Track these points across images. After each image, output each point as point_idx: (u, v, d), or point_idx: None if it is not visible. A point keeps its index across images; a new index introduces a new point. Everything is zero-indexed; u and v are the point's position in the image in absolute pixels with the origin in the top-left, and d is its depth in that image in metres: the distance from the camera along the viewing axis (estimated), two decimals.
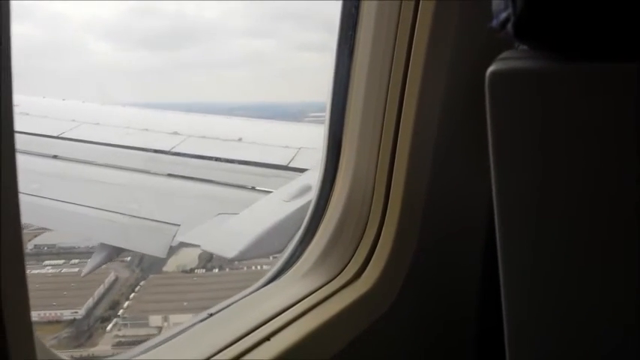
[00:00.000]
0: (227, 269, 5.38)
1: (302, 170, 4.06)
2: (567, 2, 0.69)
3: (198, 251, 4.92)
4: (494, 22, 0.76)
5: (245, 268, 5.28)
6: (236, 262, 5.19)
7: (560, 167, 0.79)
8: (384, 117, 1.31)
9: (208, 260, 5.24)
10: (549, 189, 0.80)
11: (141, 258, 4.95)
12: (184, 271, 5.30)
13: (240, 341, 1.08)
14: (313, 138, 4.37)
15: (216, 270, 5.42)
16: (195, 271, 5.35)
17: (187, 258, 5.20)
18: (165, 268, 5.14)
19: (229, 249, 3.37)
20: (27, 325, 0.70)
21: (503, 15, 0.74)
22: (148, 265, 5.12)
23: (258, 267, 5.22)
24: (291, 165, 4.23)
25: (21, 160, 0.67)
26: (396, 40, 1.26)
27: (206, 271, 5.37)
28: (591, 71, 0.74)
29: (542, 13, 0.71)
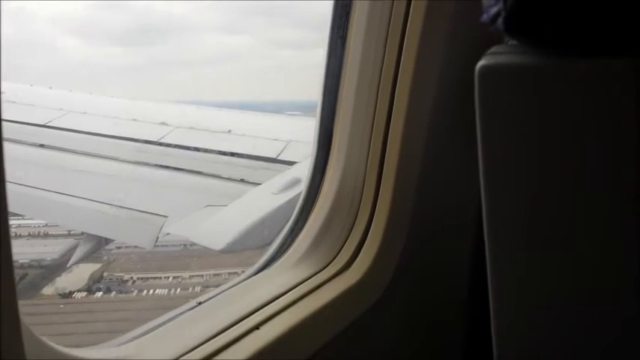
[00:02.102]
0: (113, 293, 4.84)
1: (291, 163, 4.06)
2: None
3: (94, 268, 4.65)
4: (485, 17, 0.76)
5: (135, 293, 4.87)
6: (129, 284, 4.85)
7: (549, 164, 0.79)
8: (375, 108, 1.31)
9: (97, 281, 4.79)
10: (538, 186, 0.80)
11: (22, 276, 4.31)
12: (61, 294, 4.68)
13: (229, 330, 1.07)
14: (303, 131, 4.37)
15: (100, 294, 4.81)
16: (75, 294, 4.74)
17: (77, 276, 4.72)
18: (46, 289, 4.58)
19: (217, 241, 3.35)
20: (14, 314, 0.69)
21: (494, 10, 0.73)
22: (26, 286, 4.35)
23: (150, 292, 4.85)
24: (280, 157, 4.22)
25: (6, 149, 0.66)
26: (388, 32, 1.25)
27: (88, 294, 4.78)
28: (581, 67, 0.74)
29: (533, 9, 0.71)
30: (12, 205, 0.66)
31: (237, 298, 1.19)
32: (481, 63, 0.77)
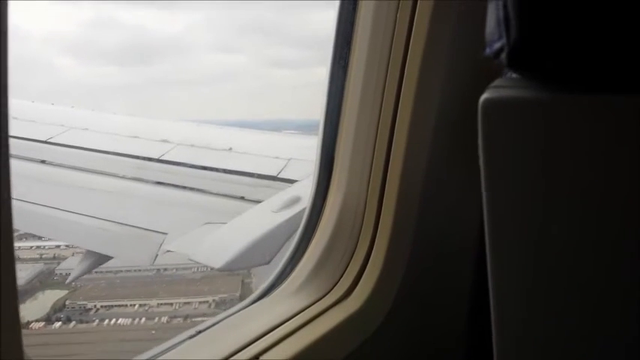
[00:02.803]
0: (72, 323, 4.60)
1: (291, 181, 4.06)
2: (562, 33, 0.70)
3: (59, 295, 4.42)
4: (488, 51, 0.76)
5: (96, 322, 4.66)
6: (91, 313, 4.67)
7: (554, 198, 0.78)
8: (376, 135, 1.31)
9: (58, 310, 4.61)
10: (544, 219, 0.80)
11: None
12: None
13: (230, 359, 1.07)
14: (303, 149, 4.38)
15: (58, 324, 4.58)
16: (32, 325, 4.50)
17: (40, 305, 4.54)
18: None
19: (216, 259, 3.35)
20: (16, 329, 0.69)
21: (497, 45, 0.73)
22: None
23: (112, 322, 4.69)
24: (281, 176, 4.23)
25: None
26: (389, 60, 1.26)
27: (46, 324, 4.57)
28: (586, 102, 0.74)
29: (537, 44, 0.71)
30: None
31: (237, 327, 1.19)
32: (484, 96, 0.76)
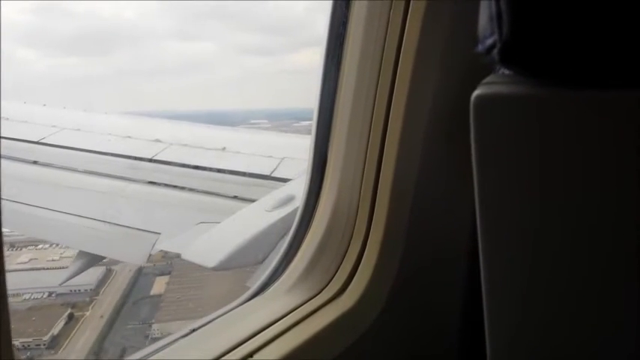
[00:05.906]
0: None
1: (285, 180, 4.06)
2: (554, 29, 0.70)
3: None
4: (480, 47, 0.76)
5: None
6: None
7: (545, 192, 0.78)
8: (369, 135, 1.31)
9: None
10: (538, 219, 0.79)
11: None
12: None
13: (223, 358, 1.07)
14: (297, 148, 4.38)
15: None
16: None
17: None
18: None
19: (210, 258, 3.34)
20: (5, 329, 0.69)
21: (489, 41, 0.73)
22: None
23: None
24: (274, 175, 4.22)
25: None
26: (382, 60, 1.26)
27: None
28: (577, 98, 0.74)
29: (529, 40, 0.70)
30: (4, 223, 0.67)
31: (231, 325, 1.19)
32: (476, 93, 0.76)
